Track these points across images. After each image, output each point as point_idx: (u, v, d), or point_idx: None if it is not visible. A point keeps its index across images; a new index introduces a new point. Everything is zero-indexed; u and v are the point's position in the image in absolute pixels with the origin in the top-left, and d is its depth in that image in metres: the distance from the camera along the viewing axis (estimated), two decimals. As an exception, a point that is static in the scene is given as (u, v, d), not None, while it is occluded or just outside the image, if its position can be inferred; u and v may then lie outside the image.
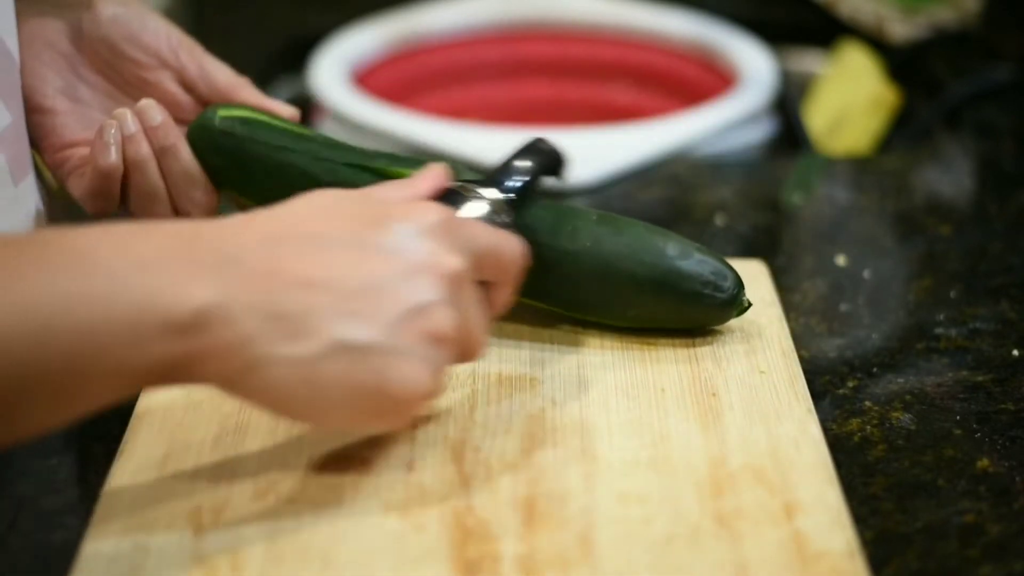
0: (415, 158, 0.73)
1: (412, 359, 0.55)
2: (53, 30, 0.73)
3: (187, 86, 0.74)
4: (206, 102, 0.74)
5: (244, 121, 0.72)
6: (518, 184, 0.66)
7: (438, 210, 0.58)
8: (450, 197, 0.63)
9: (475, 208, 0.64)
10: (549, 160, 0.68)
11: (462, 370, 0.68)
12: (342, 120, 1.09)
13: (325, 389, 0.54)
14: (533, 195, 0.67)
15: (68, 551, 0.57)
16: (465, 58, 1.28)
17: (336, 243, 0.56)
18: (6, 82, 0.66)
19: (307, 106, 1.15)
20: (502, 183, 0.66)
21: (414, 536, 0.57)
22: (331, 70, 1.15)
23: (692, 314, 0.70)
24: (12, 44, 0.67)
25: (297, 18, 1.37)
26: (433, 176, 0.63)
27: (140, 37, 0.73)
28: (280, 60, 1.26)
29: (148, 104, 0.71)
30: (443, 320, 0.56)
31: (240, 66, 0.76)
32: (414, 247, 0.56)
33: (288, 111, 0.75)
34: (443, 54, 1.27)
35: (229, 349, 0.53)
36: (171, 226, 0.55)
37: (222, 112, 0.73)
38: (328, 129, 1.09)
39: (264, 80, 1.21)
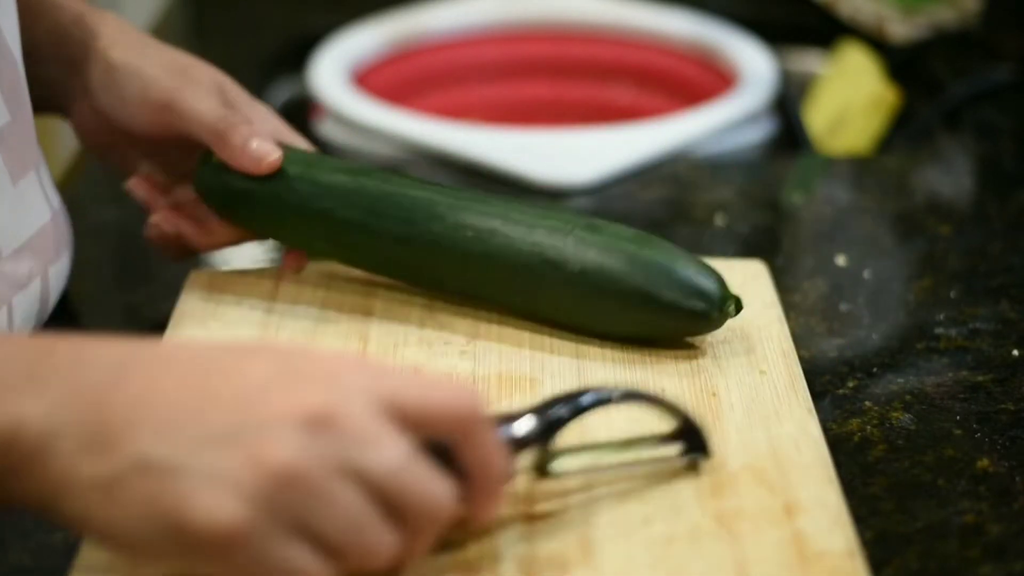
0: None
1: (221, 486, 0.47)
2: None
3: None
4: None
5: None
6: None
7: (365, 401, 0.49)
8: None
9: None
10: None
11: (462, 370, 0.68)
12: (342, 120, 1.09)
13: (125, 513, 0.47)
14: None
15: (68, 551, 0.57)
16: (465, 58, 1.28)
17: (196, 374, 0.50)
18: (6, 80, 0.66)
19: (307, 106, 1.15)
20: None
21: (414, 536, 0.57)
22: (331, 70, 1.15)
23: (679, 326, 0.69)
24: (13, 42, 0.67)
25: (297, 18, 1.37)
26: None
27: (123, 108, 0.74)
28: (280, 60, 1.26)
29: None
30: (279, 448, 0.47)
31: (240, 66, 0.76)
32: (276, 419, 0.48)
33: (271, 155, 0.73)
34: (443, 54, 1.27)
35: (36, 466, 0.48)
36: (23, 340, 0.52)
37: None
38: (328, 129, 1.09)
39: (264, 80, 1.21)
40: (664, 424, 0.60)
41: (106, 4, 1.34)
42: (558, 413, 0.57)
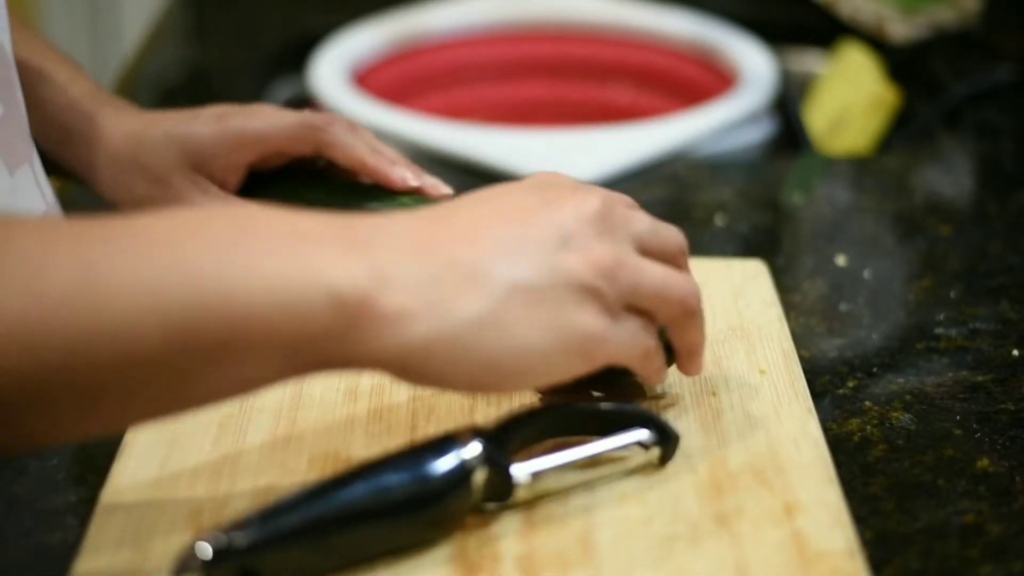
0: None
1: (583, 297, 0.55)
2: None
3: None
4: None
5: None
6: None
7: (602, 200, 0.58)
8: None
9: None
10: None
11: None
12: (342, 120, 1.09)
13: (520, 330, 0.53)
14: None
15: (68, 551, 0.57)
16: (465, 58, 1.28)
17: (490, 217, 0.56)
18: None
19: (307, 106, 1.15)
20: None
21: (414, 536, 0.57)
22: (331, 70, 1.15)
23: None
24: (5, 37, 0.67)
25: (297, 18, 1.37)
26: None
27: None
28: (280, 60, 1.25)
29: None
30: (597, 247, 0.55)
31: (240, 66, 0.76)
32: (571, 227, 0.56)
33: None
34: (443, 54, 1.27)
35: (403, 318, 0.51)
36: (325, 215, 0.54)
37: None
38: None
39: (264, 80, 1.21)
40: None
41: (107, 4, 1.34)
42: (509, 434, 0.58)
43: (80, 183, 0.77)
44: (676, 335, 0.61)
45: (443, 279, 0.53)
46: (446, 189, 0.72)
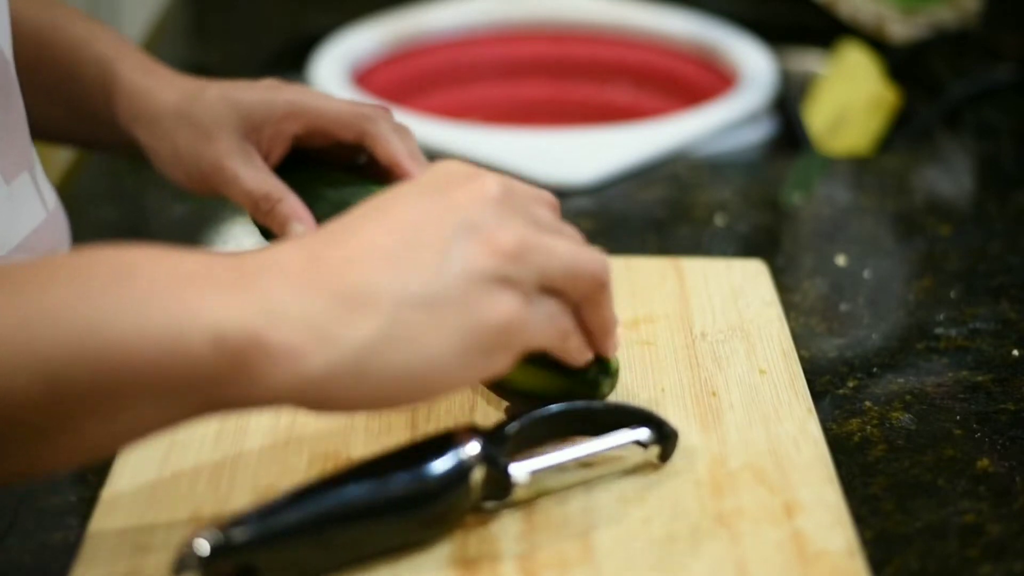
0: None
1: (490, 287, 0.53)
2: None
3: None
4: None
5: None
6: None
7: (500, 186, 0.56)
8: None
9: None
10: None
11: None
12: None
13: (424, 340, 0.52)
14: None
15: (68, 551, 0.57)
16: (465, 58, 1.28)
17: (380, 230, 0.54)
18: None
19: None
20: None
21: (414, 536, 0.57)
22: (331, 70, 1.15)
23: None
24: (4, 42, 0.67)
25: (297, 18, 1.37)
26: None
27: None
28: (280, 60, 1.25)
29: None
30: (499, 231, 0.54)
31: (240, 66, 0.76)
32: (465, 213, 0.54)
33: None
34: (443, 54, 1.27)
35: (294, 353, 0.50)
36: (215, 253, 0.53)
37: None
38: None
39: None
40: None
41: (107, 4, 1.34)
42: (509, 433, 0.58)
43: (111, 143, 0.77)
44: (590, 312, 0.58)
45: (331, 308, 0.51)
46: None
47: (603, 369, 0.62)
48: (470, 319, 0.53)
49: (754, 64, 1.17)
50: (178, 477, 0.60)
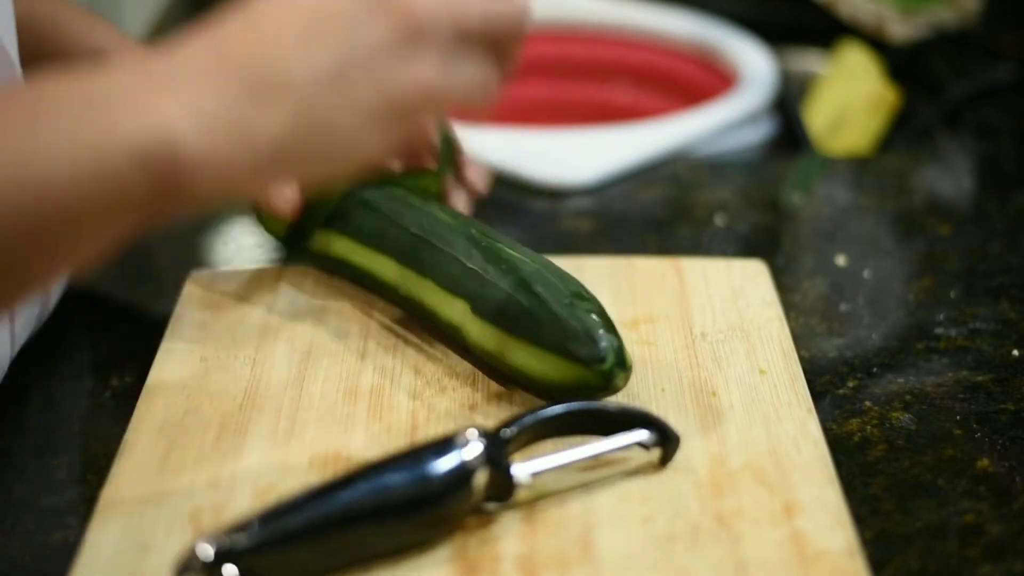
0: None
1: (409, 42, 0.51)
2: None
3: None
4: None
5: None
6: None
7: None
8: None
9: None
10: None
11: (462, 370, 0.68)
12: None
13: (342, 118, 0.51)
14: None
15: (68, 551, 0.57)
16: (465, 58, 1.27)
17: (287, 8, 0.52)
18: (2, 81, 0.66)
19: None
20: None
21: (414, 536, 0.57)
22: (331, 70, 1.15)
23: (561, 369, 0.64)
24: (9, 42, 0.67)
25: (297, 18, 1.36)
26: None
27: None
28: (280, 60, 1.25)
29: None
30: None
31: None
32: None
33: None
34: (443, 54, 1.27)
35: (217, 160, 0.49)
36: (127, 61, 0.52)
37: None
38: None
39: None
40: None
41: (107, 3, 1.34)
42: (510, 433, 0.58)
43: None
44: (502, 58, 0.56)
45: (245, 102, 0.50)
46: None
47: (619, 362, 0.62)
48: (389, 86, 0.52)
49: (754, 64, 1.17)
50: (178, 477, 0.60)
